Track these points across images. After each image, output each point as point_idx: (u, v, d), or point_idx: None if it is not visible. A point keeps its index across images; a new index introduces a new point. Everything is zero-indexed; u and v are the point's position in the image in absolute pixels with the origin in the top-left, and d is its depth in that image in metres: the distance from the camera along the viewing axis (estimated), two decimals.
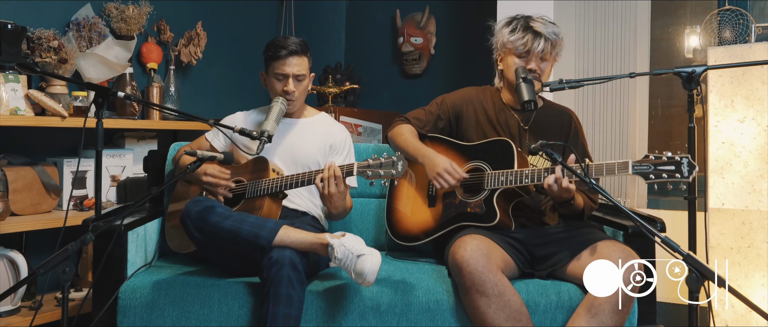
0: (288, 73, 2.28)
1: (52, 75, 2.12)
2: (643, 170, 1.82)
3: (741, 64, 2.22)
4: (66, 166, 2.74)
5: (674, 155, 1.80)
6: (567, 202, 2.04)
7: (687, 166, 1.78)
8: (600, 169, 1.91)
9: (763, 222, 2.49)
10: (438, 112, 2.32)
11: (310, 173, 2.09)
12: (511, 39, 2.17)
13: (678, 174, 1.79)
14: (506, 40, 2.19)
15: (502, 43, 2.22)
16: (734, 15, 2.83)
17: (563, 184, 1.93)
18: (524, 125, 2.24)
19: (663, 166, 1.80)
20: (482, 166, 2.15)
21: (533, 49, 2.14)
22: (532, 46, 2.14)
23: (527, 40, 2.14)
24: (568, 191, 1.96)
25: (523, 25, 2.17)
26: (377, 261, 1.83)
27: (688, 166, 1.78)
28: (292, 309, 1.80)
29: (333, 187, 2.04)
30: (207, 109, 3.64)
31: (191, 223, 1.92)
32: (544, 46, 2.15)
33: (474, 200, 2.13)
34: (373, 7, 4.36)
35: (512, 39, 2.17)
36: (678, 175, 1.79)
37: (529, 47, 2.14)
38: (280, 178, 2.14)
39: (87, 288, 2.75)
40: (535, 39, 2.14)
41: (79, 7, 2.92)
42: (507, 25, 2.22)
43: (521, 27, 2.17)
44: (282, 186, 2.12)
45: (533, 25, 2.16)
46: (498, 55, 2.27)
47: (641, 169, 1.83)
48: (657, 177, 1.80)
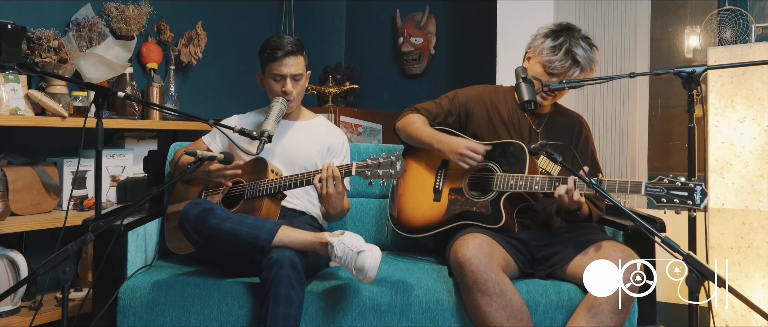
0: (285, 73, 2.28)
1: (52, 75, 2.12)
2: (656, 193, 1.80)
3: (741, 64, 2.21)
4: (66, 166, 2.74)
5: (688, 182, 1.78)
6: (574, 213, 2.04)
7: (700, 195, 1.75)
8: (612, 186, 1.90)
9: (763, 222, 2.49)
10: (449, 106, 2.30)
11: (308, 174, 2.09)
12: (551, 57, 2.11)
13: (690, 201, 1.76)
14: (545, 53, 2.13)
15: (538, 50, 2.16)
16: (734, 15, 2.83)
17: (574, 197, 1.92)
18: (536, 128, 2.24)
19: (676, 191, 1.78)
20: (492, 166, 2.15)
21: (566, 74, 2.12)
22: (566, 72, 2.12)
23: (565, 65, 2.11)
24: (578, 203, 1.96)
25: (566, 49, 2.10)
26: (377, 257, 1.83)
27: (700, 195, 1.75)
28: (291, 309, 1.80)
29: (331, 188, 2.04)
30: (207, 109, 3.64)
31: (190, 225, 1.92)
32: (576, 74, 2.13)
33: (481, 200, 2.12)
34: (373, 7, 4.36)
35: (552, 58, 2.11)
36: (690, 201, 1.75)
37: (562, 72, 2.12)
38: (279, 179, 2.14)
39: (87, 288, 2.75)
40: (572, 66, 2.11)
41: (79, 7, 2.92)
42: (552, 39, 2.14)
43: (565, 50, 2.10)
44: (281, 186, 2.12)
45: (575, 52, 2.10)
46: (528, 53, 2.23)
47: (654, 191, 1.80)
48: (668, 201, 1.77)
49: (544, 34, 2.17)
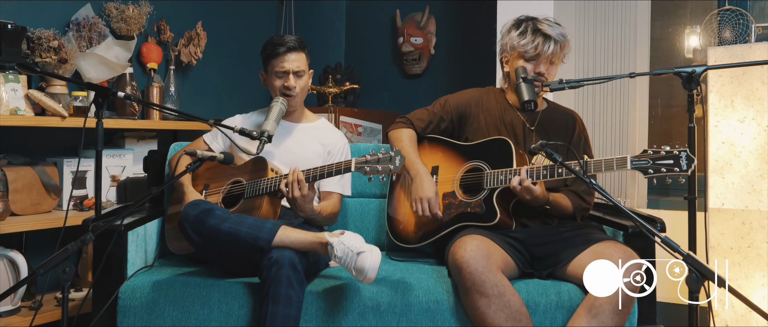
0: (288, 69, 2.29)
1: (52, 75, 2.12)
2: (642, 165, 1.82)
3: (741, 64, 2.22)
4: (66, 166, 2.74)
5: (672, 149, 1.80)
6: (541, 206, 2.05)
7: (685, 160, 1.78)
8: (598, 166, 1.91)
9: (763, 222, 2.49)
10: (441, 112, 2.32)
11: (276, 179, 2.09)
12: (521, 42, 2.16)
13: (677, 167, 1.78)
14: (515, 43, 2.19)
15: (510, 45, 2.21)
16: (734, 15, 2.83)
17: (525, 184, 1.95)
18: (530, 126, 2.24)
19: (661, 160, 1.80)
20: (481, 165, 2.16)
21: (543, 52, 2.15)
22: (542, 50, 2.14)
23: (538, 43, 2.14)
24: (530, 191, 1.97)
25: (532, 28, 2.16)
26: (377, 258, 1.83)
27: (686, 160, 1.78)
28: (291, 309, 1.80)
29: (297, 191, 2.04)
30: (207, 109, 3.64)
31: (189, 226, 1.92)
32: (554, 49, 2.16)
33: (474, 200, 2.13)
34: (373, 7, 4.36)
35: (522, 42, 2.16)
36: (677, 168, 1.78)
37: (539, 51, 2.15)
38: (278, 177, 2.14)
39: (87, 288, 2.75)
40: (545, 42, 2.14)
41: (79, 7, 2.92)
42: (515, 28, 2.21)
43: (530, 30, 2.16)
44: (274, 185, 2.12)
45: (542, 28, 2.16)
46: (504, 56, 2.27)
47: (640, 163, 1.83)
48: (656, 171, 1.80)
49: (507, 30, 2.25)
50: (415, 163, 2.23)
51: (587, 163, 1.92)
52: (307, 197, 2.06)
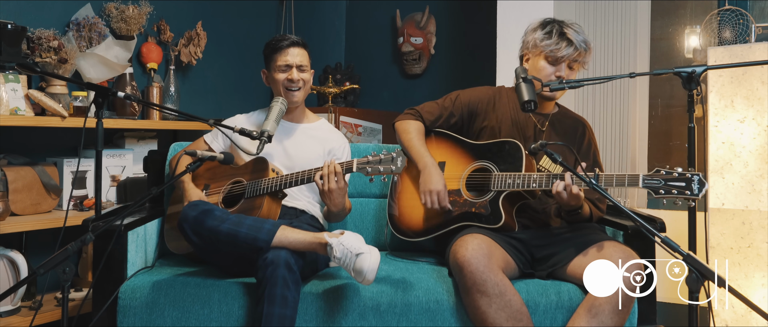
0: (291, 63, 2.31)
1: (52, 75, 2.12)
2: (654, 185, 1.81)
3: (741, 64, 2.21)
4: (66, 166, 2.74)
5: (685, 172, 1.79)
6: (575, 210, 2.04)
7: (697, 184, 1.76)
8: (609, 180, 1.91)
9: (763, 222, 2.49)
10: (452, 107, 2.31)
11: (310, 171, 2.09)
12: (546, 43, 2.17)
13: (688, 191, 1.77)
14: (539, 43, 2.18)
15: (533, 43, 2.21)
16: (734, 15, 2.83)
17: (573, 191, 1.93)
18: (541, 127, 2.24)
19: (673, 181, 1.79)
20: (489, 166, 2.15)
21: (566, 56, 2.16)
22: (565, 53, 2.15)
23: (561, 46, 2.15)
24: (577, 199, 1.97)
25: (558, 31, 2.17)
26: (376, 259, 1.83)
27: (698, 184, 1.76)
28: (286, 310, 1.80)
29: (333, 183, 2.04)
30: (207, 109, 3.64)
31: (189, 227, 1.92)
32: (576, 55, 2.17)
33: (479, 201, 2.12)
34: (373, 7, 4.36)
35: (547, 43, 2.16)
36: (688, 191, 1.77)
37: (562, 54, 2.15)
38: (279, 177, 2.14)
39: (87, 288, 2.75)
40: (568, 46, 2.15)
41: (79, 7, 2.92)
42: (541, 28, 2.21)
43: (556, 32, 2.17)
44: (281, 185, 2.12)
45: (567, 33, 2.17)
46: (525, 54, 2.27)
47: (651, 183, 1.81)
48: (667, 192, 1.79)
49: (532, 29, 2.24)
50: (424, 155, 2.21)
51: (598, 176, 1.91)
52: (343, 189, 2.07)
